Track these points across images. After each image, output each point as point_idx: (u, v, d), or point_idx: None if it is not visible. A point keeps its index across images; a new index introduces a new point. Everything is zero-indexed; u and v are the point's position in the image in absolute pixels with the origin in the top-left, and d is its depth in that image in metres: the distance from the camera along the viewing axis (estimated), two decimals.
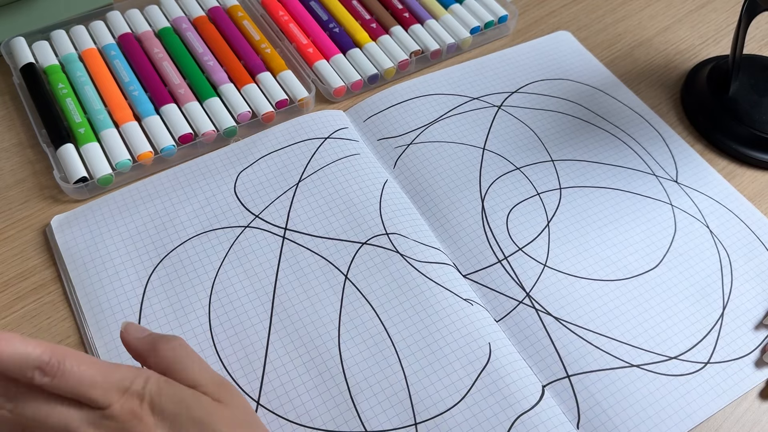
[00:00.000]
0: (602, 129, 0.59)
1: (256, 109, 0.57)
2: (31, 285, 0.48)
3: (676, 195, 0.55)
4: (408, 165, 0.56)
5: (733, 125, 0.58)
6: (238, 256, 0.49)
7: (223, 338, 0.45)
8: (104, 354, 0.44)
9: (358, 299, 0.47)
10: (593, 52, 0.66)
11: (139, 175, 0.54)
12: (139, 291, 0.47)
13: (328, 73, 0.61)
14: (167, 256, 0.49)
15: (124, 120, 0.56)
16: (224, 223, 0.51)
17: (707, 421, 0.44)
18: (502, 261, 0.50)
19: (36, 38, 0.61)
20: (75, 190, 0.52)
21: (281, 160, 0.55)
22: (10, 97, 0.59)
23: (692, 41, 0.68)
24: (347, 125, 0.58)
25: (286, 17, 0.65)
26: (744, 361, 0.46)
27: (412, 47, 0.63)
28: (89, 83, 0.58)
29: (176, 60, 0.61)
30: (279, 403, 0.43)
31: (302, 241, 0.50)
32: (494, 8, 0.67)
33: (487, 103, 0.61)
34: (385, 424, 0.42)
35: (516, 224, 0.52)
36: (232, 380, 0.43)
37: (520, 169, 0.56)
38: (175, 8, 0.65)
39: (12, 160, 0.55)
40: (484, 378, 0.44)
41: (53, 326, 0.46)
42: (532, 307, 0.48)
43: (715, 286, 0.50)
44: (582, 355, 0.46)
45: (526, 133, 0.59)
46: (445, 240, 0.51)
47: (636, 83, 0.64)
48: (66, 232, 0.50)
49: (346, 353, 0.45)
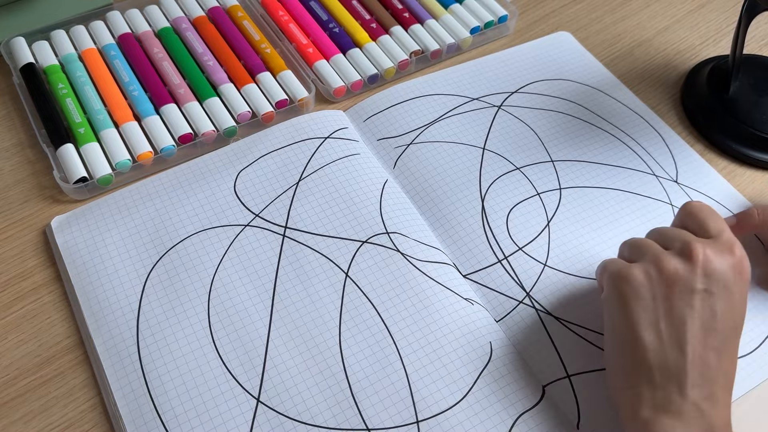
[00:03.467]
0: (602, 129, 0.59)
1: (256, 109, 0.57)
2: (31, 285, 0.48)
3: (676, 195, 0.55)
4: (408, 165, 0.56)
5: (733, 125, 0.58)
6: (237, 254, 0.49)
7: (222, 335, 0.45)
8: (103, 354, 0.44)
9: (359, 297, 0.47)
10: (593, 52, 0.66)
11: (138, 175, 0.54)
12: (138, 289, 0.47)
13: (328, 73, 0.61)
14: (166, 253, 0.49)
15: (124, 120, 0.55)
16: (224, 222, 0.51)
17: None
18: (502, 261, 0.50)
19: (36, 38, 0.61)
20: (75, 190, 0.52)
21: (281, 160, 0.55)
22: (10, 97, 0.59)
23: (692, 41, 0.68)
24: (347, 125, 0.58)
25: (286, 17, 0.65)
26: (746, 360, 0.46)
27: (412, 47, 0.63)
28: (89, 83, 0.58)
29: (176, 60, 0.61)
30: (279, 400, 0.43)
31: (302, 239, 0.50)
32: (494, 8, 0.67)
33: (487, 103, 0.61)
34: (386, 422, 0.42)
35: (516, 224, 0.52)
36: (233, 377, 0.43)
37: (520, 169, 0.56)
38: (175, 8, 0.65)
39: (12, 160, 0.55)
40: (485, 377, 0.44)
41: (53, 326, 0.46)
42: (533, 307, 0.48)
43: None
44: (582, 355, 0.46)
45: (526, 133, 0.59)
46: (445, 240, 0.51)
47: (636, 83, 0.64)
48: (66, 232, 0.50)
49: (347, 351, 0.45)
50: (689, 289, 0.39)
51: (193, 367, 0.44)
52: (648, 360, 0.38)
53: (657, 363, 0.38)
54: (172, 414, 0.42)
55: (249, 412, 0.42)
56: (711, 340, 0.38)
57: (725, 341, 0.38)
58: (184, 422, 0.41)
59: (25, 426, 0.42)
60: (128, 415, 0.41)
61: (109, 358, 0.44)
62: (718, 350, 0.38)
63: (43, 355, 0.45)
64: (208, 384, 0.43)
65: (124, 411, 0.42)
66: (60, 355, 0.45)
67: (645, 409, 0.38)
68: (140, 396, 0.42)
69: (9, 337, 0.45)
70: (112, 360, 0.44)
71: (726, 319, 0.39)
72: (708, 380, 0.37)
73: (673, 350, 0.38)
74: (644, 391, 0.38)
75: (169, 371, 0.43)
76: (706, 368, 0.38)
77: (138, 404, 0.42)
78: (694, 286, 0.39)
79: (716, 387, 0.38)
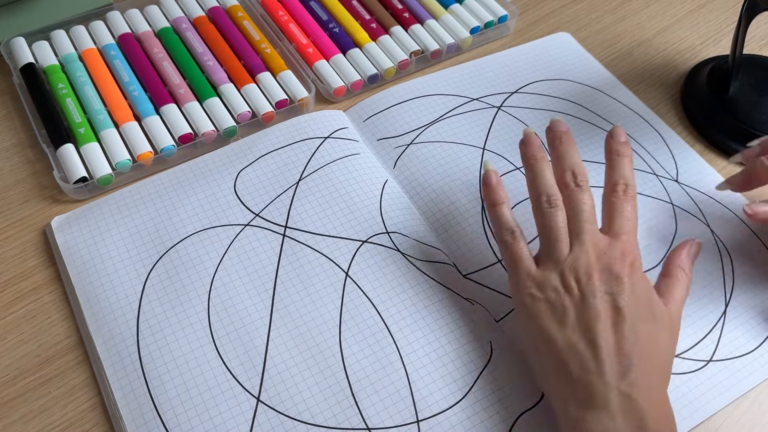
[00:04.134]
0: (602, 129, 0.59)
1: (256, 109, 0.57)
2: (31, 285, 0.48)
3: (677, 194, 0.55)
4: (408, 165, 0.56)
5: (733, 125, 0.58)
6: (237, 254, 0.49)
7: (222, 335, 0.45)
8: (103, 353, 0.44)
9: (359, 296, 0.47)
10: (593, 52, 0.66)
11: (138, 175, 0.54)
12: (138, 289, 0.47)
13: (328, 73, 0.61)
14: (166, 253, 0.49)
15: (124, 120, 0.55)
16: (224, 222, 0.51)
17: (707, 421, 0.44)
18: (502, 261, 0.50)
19: (36, 38, 0.61)
20: (75, 190, 0.52)
21: (281, 160, 0.55)
22: (10, 97, 0.59)
23: (692, 41, 0.68)
24: (347, 125, 0.58)
25: (285, 17, 0.65)
26: (747, 359, 0.46)
27: (412, 47, 0.63)
28: (89, 83, 0.58)
29: (176, 60, 0.61)
30: (279, 399, 0.43)
31: (302, 239, 0.50)
32: (494, 8, 0.67)
33: (487, 104, 0.61)
34: (387, 421, 0.42)
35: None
36: (233, 377, 0.43)
37: (520, 169, 0.56)
38: (175, 8, 0.65)
39: (12, 160, 0.55)
40: (485, 377, 0.44)
41: (53, 326, 0.46)
42: None
43: (717, 284, 0.50)
44: None
45: None
46: (445, 240, 0.51)
47: (636, 83, 0.64)
48: (66, 232, 0.50)
49: (347, 350, 0.45)
50: (591, 293, 0.39)
51: (193, 367, 0.44)
52: (562, 355, 0.39)
53: (571, 357, 0.38)
54: (172, 413, 0.42)
55: (249, 411, 0.42)
56: (620, 327, 0.39)
57: (634, 326, 0.39)
58: (184, 422, 0.41)
59: (25, 426, 0.42)
60: (128, 415, 0.41)
61: (109, 358, 0.44)
62: (630, 337, 0.38)
63: (43, 355, 0.45)
64: (208, 383, 0.43)
65: (125, 411, 0.42)
66: (60, 355, 0.45)
67: (572, 408, 0.38)
68: (140, 395, 0.42)
69: (9, 337, 0.45)
70: (112, 360, 0.44)
71: (631, 307, 0.39)
72: (627, 366, 0.37)
73: (583, 341, 0.38)
74: (565, 387, 0.38)
75: (169, 371, 0.43)
76: (623, 355, 0.38)
77: (138, 404, 0.42)
78: (594, 291, 0.40)
79: (640, 372, 0.38)
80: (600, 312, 0.39)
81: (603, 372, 0.37)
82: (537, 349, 0.40)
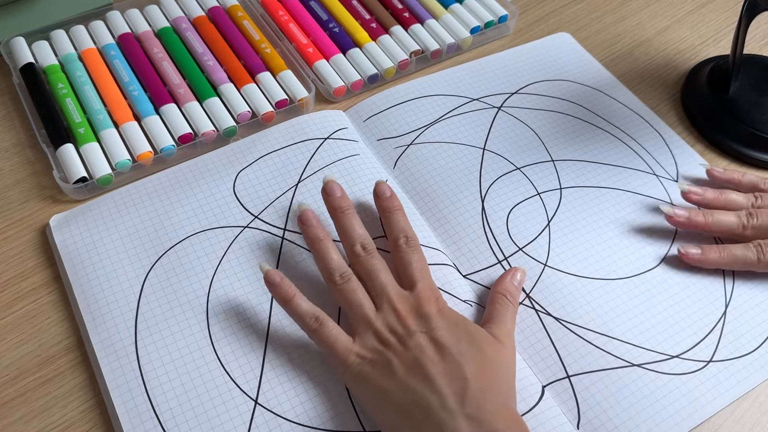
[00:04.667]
0: (602, 129, 0.59)
1: (255, 109, 0.57)
2: (31, 285, 0.48)
3: (677, 195, 0.55)
4: (408, 165, 0.56)
5: (733, 125, 0.58)
6: (236, 256, 0.49)
7: (221, 337, 0.45)
8: (101, 354, 0.44)
9: None
10: (593, 52, 0.66)
11: (138, 175, 0.54)
12: (136, 289, 0.47)
13: (328, 73, 0.61)
14: (165, 254, 0.49)
15: (124, 120, 0.55)
16: (223, 223, 0.51)
17: (707, 421, 0.44)
18: (503, 261, 0.50)
19: (36, 38, 0.61)
20: (75, 190, 0.52)
21: (281, 160, 0.55)
22: (10, 97, 0.59)
23: (692, 41, 0.68)
24: (347, 125, 0.58)
25: (285, 17, 0.65)
26: (747, 359, 0.46)
27: (412, 47, 0.63)
28: (89, 83, 0.58)
29: (176, 60, 0.61)
30: (277, 402, 0.42)
31: (301, 242, 0.50)
32: (494, 8, 0.67)
33: (487, 104, 0.61)
34: None
35: (516, 224, 0.52)
36: (230, 379, 0.43)
37: (520, 169, 0.56)
38: (175, 8, 0.65)
39: (12, 160, 0.55)
40: None
41: (53, 326, 0.46)
42: (532, 308, 0.48)
43: (717, 284, 0.50)
44: (582, 355, 0.46)
45: (527, 133, 0.58)
46: (445, 240, 0.51)
47: (636, 83, 0.64)
48: (64, 231, 0.50)
49: None
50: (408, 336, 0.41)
51: (192, 369, 0.43)
52: (401, 402, 0.39)
53: (410, 400, 0.39)
54: (170, 415, 0.42)
55: (247, 413, 0.42)
56: (446, 356, 0.40)
57: (459, 351, 0.40)
58: (182, 423, 0.41)
59: (25, 426, 0.42)
60: (125, 415, 0.41)
61: (107, 358, 0.44)
62: (458, 360, 0.40)
63: (42, 355, 0.45)
64: (206, 385, 0.43)
65: (121, 411, 0.41)
66: (60, 355, 0.45)
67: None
68: (137, 396, 0.42)
69: (9, 337, 0.45)
70: (109, 360, 0.44)
71: (449, 336, 0.41)
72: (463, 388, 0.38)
73: (415, 379, 0.39)
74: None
75: (167, 372, 0.43)
76: (456, 377, 0.39)
77: (135, 404, 0.42)
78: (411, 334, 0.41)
79: (478, 392, 0.38)
80: (423, 348, 0.40)
81: (444, 402, 0.38)
82: (379, 409, 0.40)
